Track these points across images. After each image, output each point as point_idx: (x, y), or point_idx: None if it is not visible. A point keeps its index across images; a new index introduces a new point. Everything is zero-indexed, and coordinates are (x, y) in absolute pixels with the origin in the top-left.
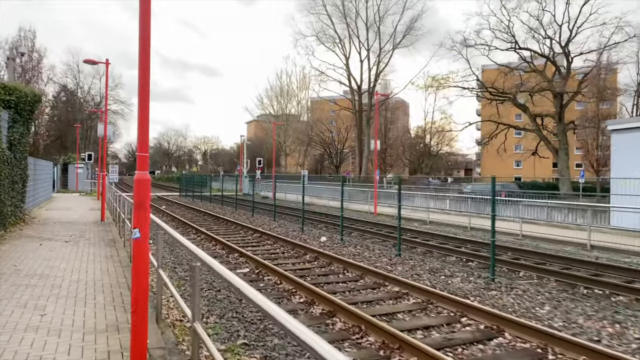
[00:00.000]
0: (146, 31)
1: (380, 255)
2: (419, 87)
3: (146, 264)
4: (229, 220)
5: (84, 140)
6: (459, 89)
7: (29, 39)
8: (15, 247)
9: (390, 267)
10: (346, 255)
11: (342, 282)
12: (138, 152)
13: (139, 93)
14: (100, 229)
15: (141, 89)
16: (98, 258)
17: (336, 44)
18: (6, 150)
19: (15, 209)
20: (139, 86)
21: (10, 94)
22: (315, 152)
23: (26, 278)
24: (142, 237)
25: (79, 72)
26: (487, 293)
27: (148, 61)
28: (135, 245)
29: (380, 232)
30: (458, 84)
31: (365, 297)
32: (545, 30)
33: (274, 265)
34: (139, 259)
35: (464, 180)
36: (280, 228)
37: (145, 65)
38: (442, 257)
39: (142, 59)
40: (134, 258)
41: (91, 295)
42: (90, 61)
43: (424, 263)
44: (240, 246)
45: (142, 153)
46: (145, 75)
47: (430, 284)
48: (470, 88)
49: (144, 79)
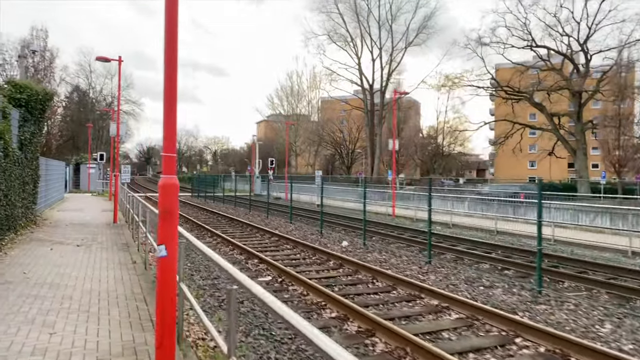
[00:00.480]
0: (173, 22)
1: (408, 262)
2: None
3: (173, 289)
4: (243, 222)
5: (96, 141)
6: (473, 88)
7: (41, 38)
8: (25, 252)
9: (422, 275)
10: (372, 262)
11: (373, 294)
12: (164, 153)
13: (165, 87)
14: (113, 232)
15: (167, 81)
16: (111, 264)
17: (348, 42)
18: (16, 150)
19: (26, 211)
20: (165, 79)
21: (20, 92)
22: (326, 152)
23: (35, 288)
24: (170, 255)
25: (90, 72)
26: (535, 307)
27: (175, 54)
28: (160, 265)
29: (402, 236)
30: (472, 82)
31: (401, 312)
32: (563, 27)
33: (296, 273)
34: (165, 283)
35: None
36: (298, 231)
37: (172, 58)
38: (473, 264)
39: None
40: (158, 282)
41: (105, 309)
42: (102, 58)
43: (457, 271)
44: (259, 251)
45: (169, 153)
46: (172, 66)
47: (470, 296)
48: (484, 87)
49: (171, 71)
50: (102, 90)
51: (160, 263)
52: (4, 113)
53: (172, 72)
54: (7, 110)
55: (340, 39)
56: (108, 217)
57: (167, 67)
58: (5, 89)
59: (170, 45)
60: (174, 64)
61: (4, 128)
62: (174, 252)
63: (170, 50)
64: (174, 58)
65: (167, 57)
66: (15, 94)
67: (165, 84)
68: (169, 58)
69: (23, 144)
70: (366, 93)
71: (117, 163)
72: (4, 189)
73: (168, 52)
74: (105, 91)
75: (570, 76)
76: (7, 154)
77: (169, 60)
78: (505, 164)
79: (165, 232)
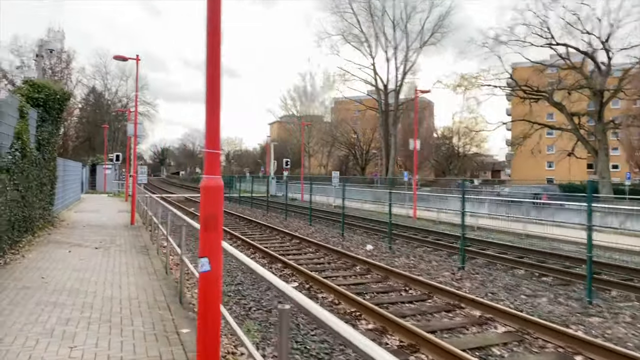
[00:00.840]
0: (216, 12)
1: (439, 267)
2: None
3: (217, 311)
4: (262, 223)
5: (111, 142)
6: (490, 87)
7: (58, 39)
8: (43, 255)
9: (456, 282)
10: (400, 267)
11: (407, 302)
12: (207, 149)
13: (208, 74)
14: (131, 234)
15: (210, 67)
16: (131, 269)
17: (362, 42)
18: (34, 151)
19: (44, 212)
20: (207, 65)
21: (38, 92)
22: (340, 153)
23: (54, 294)
24: (213, 271)
25: (106, 73)
26: (588, 320)
27: (219, 39)
28: (203, 282)
29: (427, 239)
30: (490, 82)
31: (442, 324)
32: (583, 25)
33: (323, 278)
34: (209, 303)
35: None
36: (318, 233)
37: (216, 43)
38: (508, 270)
39: (212, 37)
40: (201, 302)
41: (127, 319)
42: (119, 57)
43: (493, 278)
44: (281, 254)
45: (212, 150)
46: (215, 52)
47: (513, 306)
48: (502, 86)
49: (214, 57)
50: (118, 92)
51: (202, 279)
52: (22, 112)
53: (216, 58)
54: (25, 110)
55: (354, 39)
56: (125, 218)
57: (210, 53)
58: (23, 89)
59: (213, 31)
60: (218, 50)
61: (21, 128)
62: (218, 266)
63: (214, 34)
64: (217, 43)
65: (210, 42)
66: (33, 94)
67: (207, 70)
68: (212, 43)
69: (41, 144)
70: (380, 93)
71: (134, 164)
72: (21, 190)
73: (211, 37)
74: (121, 93)
75: (591, 75)
76: (24, 155)
77: (211, 45)
78: (522, 165)
79: (208, 242)
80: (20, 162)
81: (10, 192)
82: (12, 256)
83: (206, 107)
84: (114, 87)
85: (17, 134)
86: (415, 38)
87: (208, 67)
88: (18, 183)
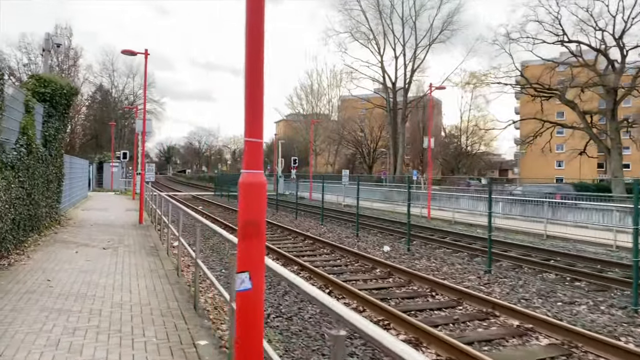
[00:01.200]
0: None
1: (463, 270)
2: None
3: (260, 338)
4: (272, 222)
5: (118, 140)
6: (500, 85)
7: (66, 36)
8: (49, 256)
9: (485, 287)
10: (423, 271)
11: (437, 310)
12: (247, 138)
13: (248, 45)
14: (139, 233)
15: (250, 40)
16: (141, 271)
17: (370, 40)
18: (40, 147)
19: (50, 210)
20: (247, 39)
21: (45, 86)
22: (347, 151)
23: (60, 300)
24: (255, 289)
25: (113, 71)
26: (637, 330)
27: (262, 17)
28: (241, 303)
29: (445, 240)
30: (500, 80)
31: (478, 334)
32: (596, 21)
33: (343, 282)
34: (250, 329)
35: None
36: (331, 233)
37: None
38: (536, 273)
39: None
40: (239, 327)
41: (139, 329)
42: (128, 52)
43: (523, 282)
44: (296, 255)
45: (254, 138)
46: (258, 29)
47: (551, 314)
48: (512, 84)
49: (257, 32)
50: (124, 89)
51: (241, 300)
52: (27, 107)
53: (259, 33)
54: (31, 105)
55: (362, 37)
56: (133, 216)
57: (250, 30)
58: (29, 83)
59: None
60: (261, 27)
61: (27, 123)
62: (260, 283)
63: (255, 14)
64: (260, 20)
65: (250, 23)
66: (39, 88)
67: (247, 43)
68: (252, 23)
69: (47, 140)
70: (389, 91)
71: (142, 161)
72: (27, 188)
73: (251, 18)
74: (127, 90)
75: (604, 72)
76: (30, 151)
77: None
78: (531, 164)
79: (249, 254)
80: (25, 159)
81: (15, 189)
82: (17, 257)
83: (246, 85)
84: (121, 85)
85: (22, 129)
86: (424, 35)
87: (247, 41)
88: (23, 180)
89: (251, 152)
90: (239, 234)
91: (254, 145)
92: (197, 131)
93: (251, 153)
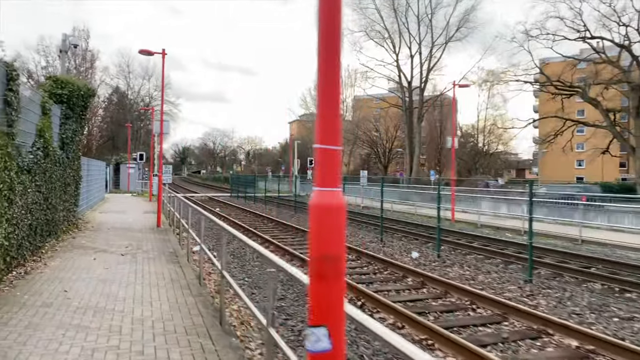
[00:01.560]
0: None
1: (500, 280)
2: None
3: None
4: (291, 225)
5: (134, 141)
6: (518, 83)
7: (83, 38)
8: (66, 263)
9: (528, 299)
10: (457, 280)
11: (481, 325)
12: (320, 144)
13: (322, 54)
14: (158, 237)
15: (324, 31)
16: (162, 281)
17: (385, 39)
18: (57, 150)
19: (68, 214)
20: (321, 43)
21: (62, 88)
22: (362, 151)
23: (77, 314)
24: (335, 349)
25: (129, 72)
26: None
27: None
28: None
29: (472, 245)
30: (519, 77)
31: (536, 357)
32: (620, 16)
33: (374, 292)
34: None
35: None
36: (353, 237)
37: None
38: (580, 283)
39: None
40: None
41: (163, 351)
42: (145, 51)
43: (570, 294)
44: None
45: (330, 145)
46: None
47: (610, 332)
48: (532, 82)
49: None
50: (140, 91)
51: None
52: (44, 109)
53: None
54: (48, 106)
55: (377, 36)
56: (150, 219)
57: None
58: (46, 84)
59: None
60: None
61: (44, 125)
62: (341, 342)
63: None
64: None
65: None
66: (56, 89)
67: (320, 38)
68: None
69: (64, 142)
70: (404, 90)
71: (160, 162)
72: (44, 192)
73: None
74: (143, 92)
75: (628, 69)
76: (47, 154)
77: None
78: (550, 164)
79: (326, 301)
80: (42, 162)
81: (32, 194)
82: (34, 264)
83: (319, 87)
84: (137, 86)
85: (39, 131)
86: (440, 33)
87: (320, 35)
88: (40, 184)
89: (326, 164)
90: (311, 273)
91: (329, 154)
92: (212, 132)
93: (326, 165)
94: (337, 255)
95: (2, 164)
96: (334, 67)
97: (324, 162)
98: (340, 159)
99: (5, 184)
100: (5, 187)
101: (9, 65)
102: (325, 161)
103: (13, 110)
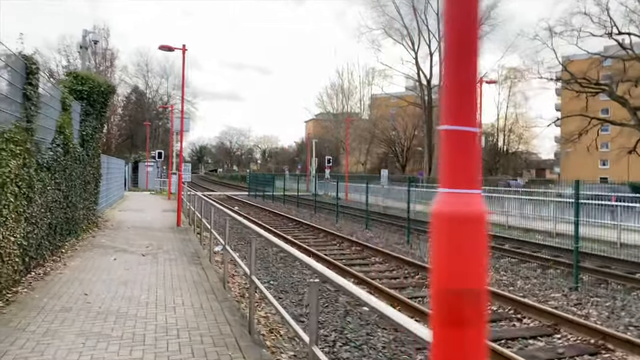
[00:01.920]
0: None
1: (541, 286)
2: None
3: None
4: (312, 225)
5: (152, 140)
6: (541, 81)
7: (103, 37)
8: (86, 263)
9: (576, 308)
10: (495, 285)
11: (530, 338)
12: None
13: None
14: (178, 237)
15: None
16: (184, 283)
17: (403, 36)
18: (77, 147)
19: (88, 212)
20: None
21: (82, 84)
22: (379, 150)
23: (98, 320)
24: None
25: (147, 71)
26: None
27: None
28: None
29: (504, 248)
30: (543, 75)
31: None
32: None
33: (409, 299)
34: None
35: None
36: (378, 239)
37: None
38: (630, 290)
39: None
40: None
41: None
42: (165, 47)
43: (622, 303)
44: (347, 264)
45: (467, 127)
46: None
47: None
48: (555, 79)
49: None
50: (159, 89)
51: None
52: (65, 105)
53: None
54: (68, 102)
55: (396, 33)
56: (169, 218)
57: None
58: (66, 81)
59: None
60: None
61: (64, 121)
62: None
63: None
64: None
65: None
66: (76, 86)
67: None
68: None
69: (84, 139)
70: (423, 88)
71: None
72: (64, 190)
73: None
74: (162, 90)
75: None
76: (67, 151)
77: None
78: (573, 164)
79: (463, 352)
80: (62, 159)
81: (52, 192)
82: (53, 264)
83: (447, 51)
84: (155, 85)
85: (59, 128)
86: None
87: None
88: (60, 182)
89: (460, 152)
90: (436, 315)
91: (464, 137)
92: (228, 131)
93: (459, 154)
94: (477, 288)
95: (21, 161)
96: (470, 21)
97: (455, 149)
98: (478, 146)
99: (24, 182)
100: (24, 185)
101: (29, 58)
102: (457, 148)
103: (32, 105)
